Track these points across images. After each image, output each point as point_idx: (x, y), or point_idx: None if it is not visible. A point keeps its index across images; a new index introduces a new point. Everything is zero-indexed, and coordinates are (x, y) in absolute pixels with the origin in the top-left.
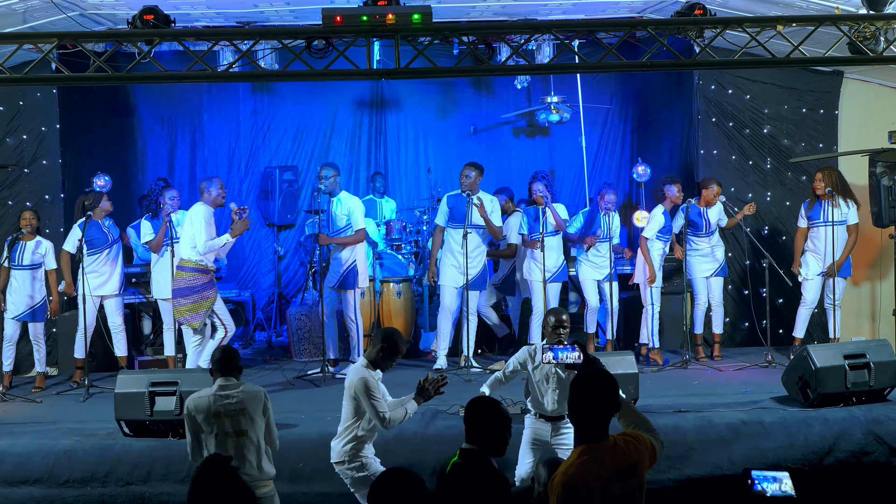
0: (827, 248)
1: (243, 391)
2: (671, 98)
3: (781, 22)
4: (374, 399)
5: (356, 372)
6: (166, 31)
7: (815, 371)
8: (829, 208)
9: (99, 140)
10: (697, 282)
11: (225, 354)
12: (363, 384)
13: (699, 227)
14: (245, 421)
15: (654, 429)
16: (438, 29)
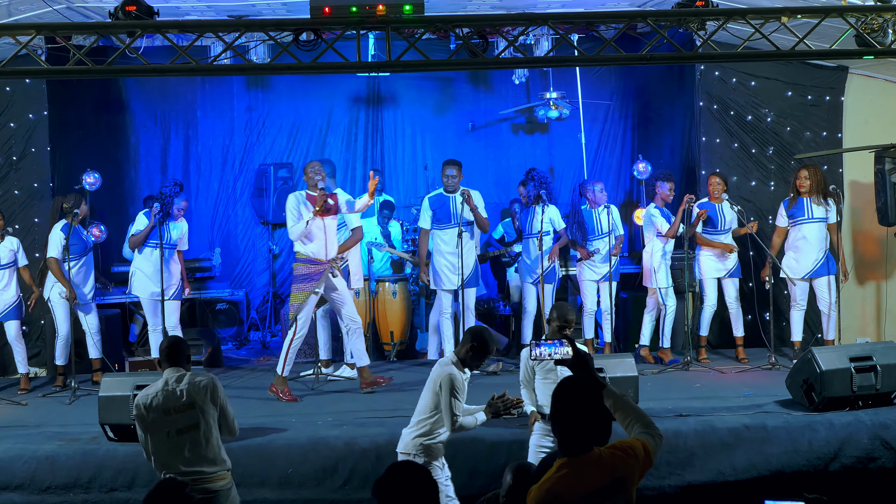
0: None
1: (190, 383)
2: (672, 94)
3: (786, 13)
4: (455, 398)
5: (445, 367)
6: (149, 22)
7: (820, 374)
8: (814, 206)
9: (90, 136)
10: (707, 282)
11: (171, 343)
12: (450, 380)
13: (716, 223)
14: (194, 415)
15: (650, 423)
16: (431, 20)
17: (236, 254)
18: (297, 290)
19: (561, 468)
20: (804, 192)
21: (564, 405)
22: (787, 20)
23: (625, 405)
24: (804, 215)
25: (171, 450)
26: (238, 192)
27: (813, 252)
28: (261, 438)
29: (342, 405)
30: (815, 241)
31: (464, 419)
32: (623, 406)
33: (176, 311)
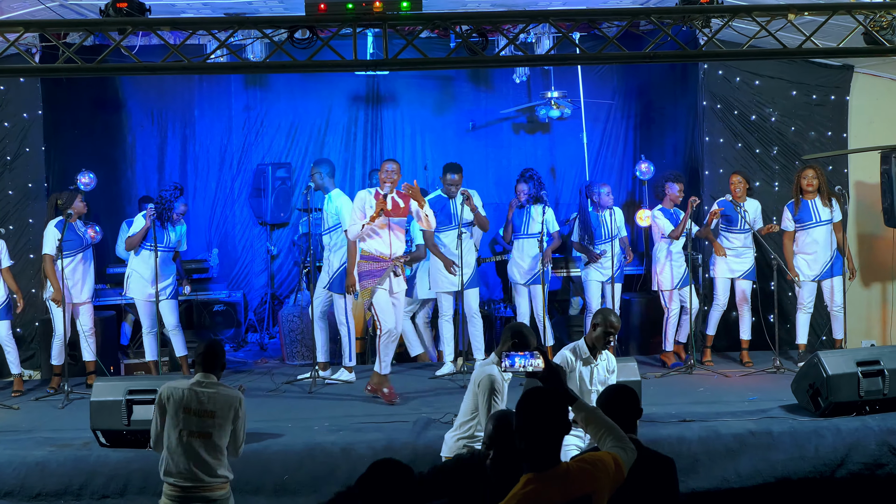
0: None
1: (218, 393)
2: (675, 93)
3: (793, 10)
4: (494, 399)
5: (485, 367)
6: (139, 19)
7: (827, 379)
8: (820, 207)
9: (86, 135)
10: (719, 281)
11: (208, 349)
12: (489, 381)
13: (733, 221)
14: (212, 424)
15: (622, 436)
16: (429, 17)
17: (234, 255)
18: (363, 289)
19: (527, 483)
20: (810, 193)
21: (529, 417)
22: (793, 17)
23: (597, 419)
24: (812, 219)
25: (178, 449)
26: (236, 192)
27: (823, 255)
28: (256, 444)
29: (339, 410)
30: (825, 243)
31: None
32: (595, 420)
33: (174, 311)
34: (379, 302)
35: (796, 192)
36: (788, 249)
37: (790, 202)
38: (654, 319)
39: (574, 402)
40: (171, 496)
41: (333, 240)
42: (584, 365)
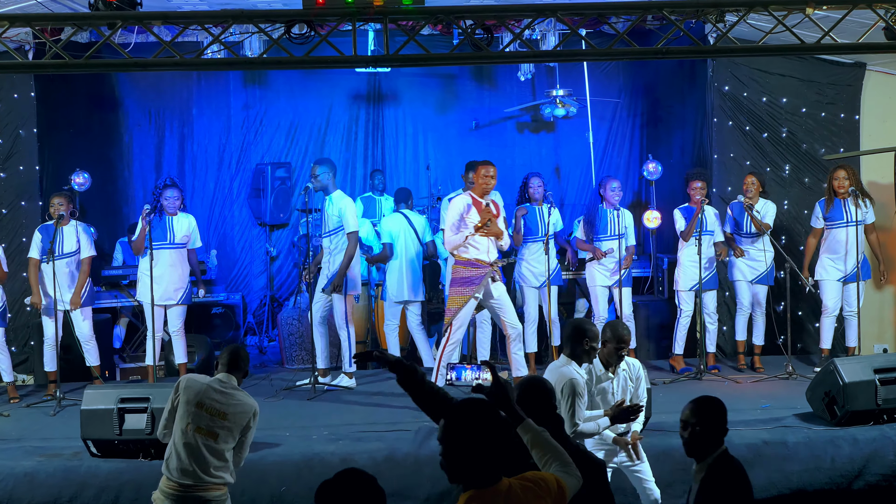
0: (850, 249)
1: (236, 399)
2: (683, 91)
3: (811, 4)
4: (577, 404)
5: (563, 370)
6: (129, 13)
7: (843, 386)
8: (852, 208)
9: (82, 135)
10: (739, 285)
11: (234, 352)
12: (571, 385)
13: (741, 226)
14: (221, 426)
15: (569, 462)
16: (431, 11)
17: (233, 256)
18: (456, 294)
19: (469, 501)
20: (843, 193)
21: (459, 430)
22: (812, 11)
23: (543, 442)
24: (843, 218)
25: (181, 441)
26: (235, 192)
27: (850, 256)
28: (252, 454)
29: (339, 417)
30: (854, 244)
31: (584, 425)
32: (541, 443)
33: (182, 315)
34: (464, 312)
35: (829, 191)
36: (811, 248)
37: (822, 199)
38: (663, 323)
39: (520, 423)
40: (167, 492)
41: (334, 243)
42: (603, 381)
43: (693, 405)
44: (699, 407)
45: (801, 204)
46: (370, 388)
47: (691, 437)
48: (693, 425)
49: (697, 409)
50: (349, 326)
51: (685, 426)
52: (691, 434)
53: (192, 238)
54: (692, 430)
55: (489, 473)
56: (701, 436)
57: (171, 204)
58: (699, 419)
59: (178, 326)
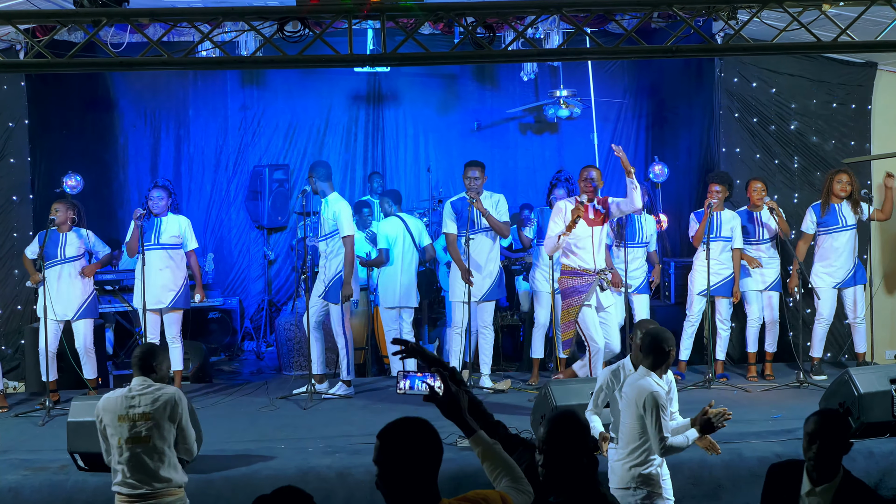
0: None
1: (153, 395)
2: (690, 91)
3: (828, 1)
4: (662, 417)
5: (642, 383)
6: (114, 10)
7: (858, 397)
8: (847, 213)
9: (75, 136)
10: (749, 294)
11: (142, 352)
12: (654, 398)
13: (750, 233)
14: (147, 427)
15: (520, 477)
16: (431, 8)
17: (230, 260)
18: (566, 307)
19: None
20: (840, 198)
21: (391, 453)
22: (828, 8)
23: (494, 456)
24: (838, 223)
25: (120, 458)
26: (232, 194)
27: (845, 261)
28: (245, 468)
29: (336, 428)
30: (848, 249)
31: (673, 439)
32: (492, 457)
33: (177, 322)
34: (585, 320)
35: (826, 194)
36: (801, 253)
37: (816, 203)
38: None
39: (472, 435)
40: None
41: (330, 247)
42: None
43: (819, 418)
44: (825, 420)
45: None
46: (369, 397)
47: (822, 453)
48: (822, 440)
49: (823, 422)
50: (347, 333)
51: (812, 440)
52: (821, 450)
53: (184, 240)
54: (821, 445)
55: (427, 495)
56: (830, 452)
57: (156, 205)
58: (827, 434)
59: (173, 333)
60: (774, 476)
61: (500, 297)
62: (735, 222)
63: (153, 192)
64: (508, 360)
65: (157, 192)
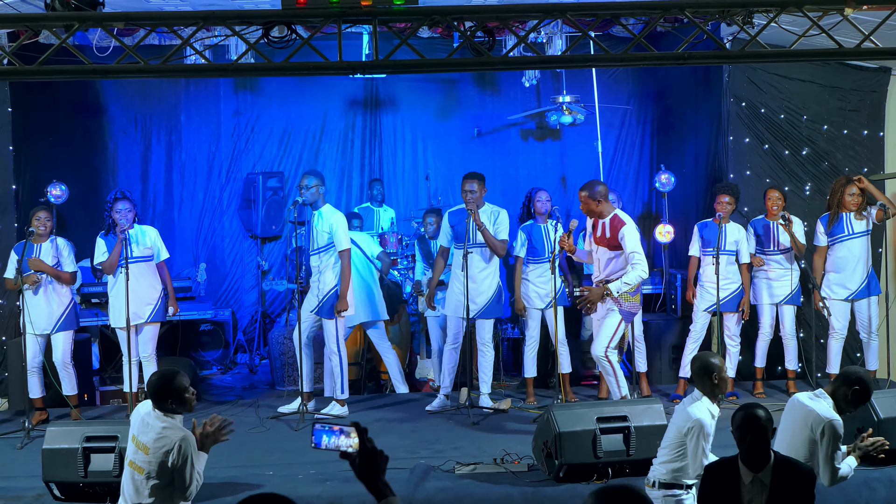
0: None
1: (157, 433)
2: (696, 98)
3: (850, 4)
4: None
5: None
6: (87, 14)
7: (878, 423)
8: (854, 221)
9: (63, 142)
10: (763, 308)
11: (156, 383)
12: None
13: (765, 243)
14: (143, 460)
15: None
16: (426, 12)
17: (223, 270)
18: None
19: None
20: (849, 209)
21: None
22: (850, 12)
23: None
24: (844, 232)
25: (123, 475)
26: (225, 202)
27: (855, 272)
28: (230, 498)
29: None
30: (858, 258)
31: (843, 469)
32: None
33: (153, 338)
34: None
35: (835, 205)
36: (819, 267)
37: (824, 215)
38: (675, 343)
39: (381, 500)
40: None
41: (324, 261)
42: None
43: (745, 414)
44: (751, 415)
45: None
46: (363, 418)
47: (755, 443)
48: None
49: (750, 416)
50: (341, 350)
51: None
52: (753, 441)
53: (155, 251)
54: (752, 437)
55: None
56: (761, 440)
57: (124, 217)
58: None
59: (148, 352)
60: (711, 473)
61: (500, 315)
62: (740, 236)
63: (119, 205)
64: (510, 376)
65: (125, 203)
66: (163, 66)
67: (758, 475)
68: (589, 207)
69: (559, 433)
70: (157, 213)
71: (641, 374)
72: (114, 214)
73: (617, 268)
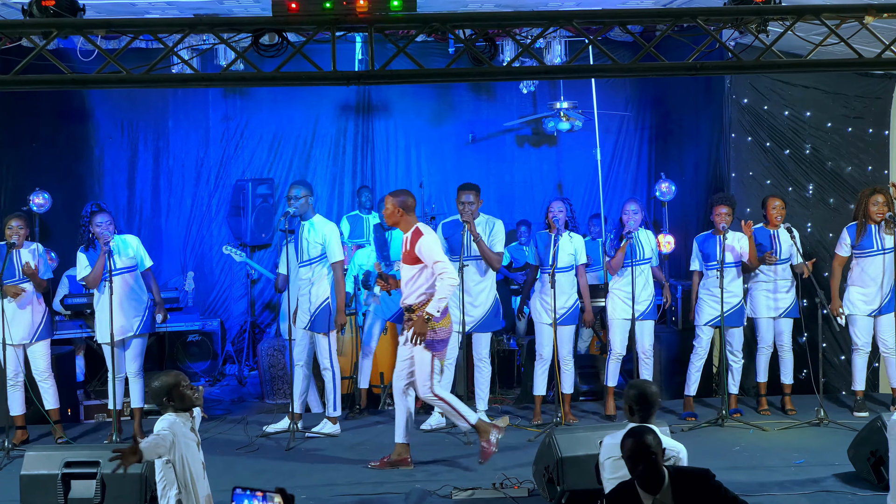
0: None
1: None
2: (697, 104)
3: (871, 11)
4: None
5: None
6: (66, 21)
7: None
8: (881, 235)
9: (47, 149)
10: (761, 322)
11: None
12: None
13: (766, 250)
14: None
15: None
16: (424, 19)
17: (211, 279)
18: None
19: None
20: (878, 221)
21: None
22: (870, 20)
23: None
24: (873, 246)
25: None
26: (213, 210)
27: (882, 287)
28: None
29: (319, 475)
30: (884, 274)
31: None
32: None
33: (141, 354)
34: None
35: (862, 216)
36: (837, 276)
37: (852, 225)
38: (676, 357)
39: None
40: None
41: (316, 273)
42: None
43: (634, 441)
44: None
45: (825, 226)
46: (356, 437)
47: (648, 469)
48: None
49: (640, 442)
50: (334, 366)
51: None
52: (646, 467)
53: (138, 259)
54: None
55: None
56: (654, 465)
57: (106, 230)
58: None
59: (136, 368)
60: (612, 500)
61: (497, 328)
62: (743, 243)
63: (98, 218)
64: (505, 390)
65: (104, 216)
66: (145, 77)
67: (657, 497)
68: (394, 218)
69: (561, 458)
70: (144, 221)
71: None
72: (94, 228)
73: (420, 284)
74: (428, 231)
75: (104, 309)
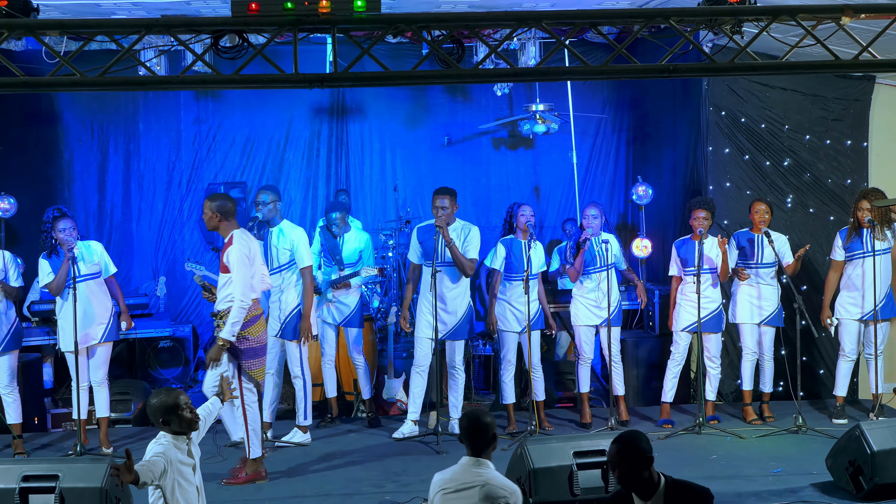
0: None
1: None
2: (675, 106)
3: (847, 11)
4: None
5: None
6: (17, 21)
7: (871, 455)
8: (871, 238)
9: (14, 152)
10: (744, 328)
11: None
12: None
13: (749, 254)
14: None
15: None
16: (390, 20)
17: (183, 284)
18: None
19: None
20: (867, 225)
21: None
22: (847, 21)
23: None
24: (862, 249)
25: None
26: (185, 214)
27: (874, 290)
28: None
29: (287, 487)
30: (874, 277)
31: None
32: None
33: (106, 362)
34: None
35: (855, 222)
36: (832, 282)
37: (844, 228)
38: (653, 362)
39: None
40: None
41: (286, 279)
42: None
43: (617, 446)
44: (621, 446)
45: (804, 234)
46: (326, 446)
47: (627, 474)
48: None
49: (620, 449)
50: (305, 373)
51: (614, 468)
52: (624, 472)
53: (102, 266)
54: (622, 469)
55: None
56: (634, 471)
57: (70, 236)
58: (623, 458)
59: (100, 377)
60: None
61: (466, 338)
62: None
63: (61, 224)
64: (481, 396)
65: (67, 221)
66: (100, 80)
67: (648, 503)
68: (212, 223)
69: (533, 469)
70: (115, 225)
71: (619, 397)
72: (57, 234)
73: (228, 293)
74: (240, 241)
75: (68, 317)
